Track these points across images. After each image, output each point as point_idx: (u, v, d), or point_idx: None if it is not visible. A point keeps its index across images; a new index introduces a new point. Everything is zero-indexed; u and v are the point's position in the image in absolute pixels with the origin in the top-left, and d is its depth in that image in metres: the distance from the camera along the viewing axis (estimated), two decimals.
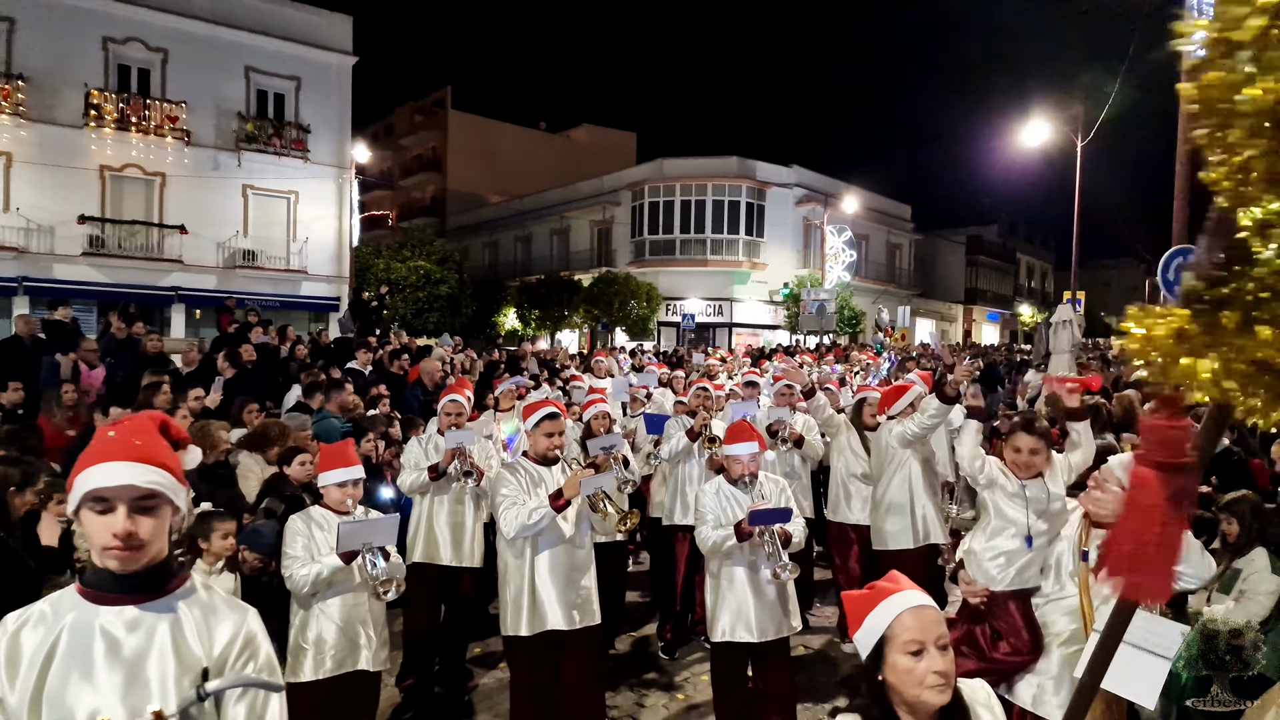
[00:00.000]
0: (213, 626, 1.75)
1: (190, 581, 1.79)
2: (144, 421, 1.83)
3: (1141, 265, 57.44)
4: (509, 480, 3.99)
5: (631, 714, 4.96)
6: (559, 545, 3.99)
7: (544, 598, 3.95)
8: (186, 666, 1.69)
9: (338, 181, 25.19)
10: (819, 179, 34.47)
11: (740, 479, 4.13)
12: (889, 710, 1.77)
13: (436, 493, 5.06)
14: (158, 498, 1.71)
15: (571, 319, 31.21)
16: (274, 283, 23.99)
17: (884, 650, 1.76)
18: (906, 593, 1.81)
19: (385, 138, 48.83)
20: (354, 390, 7.53)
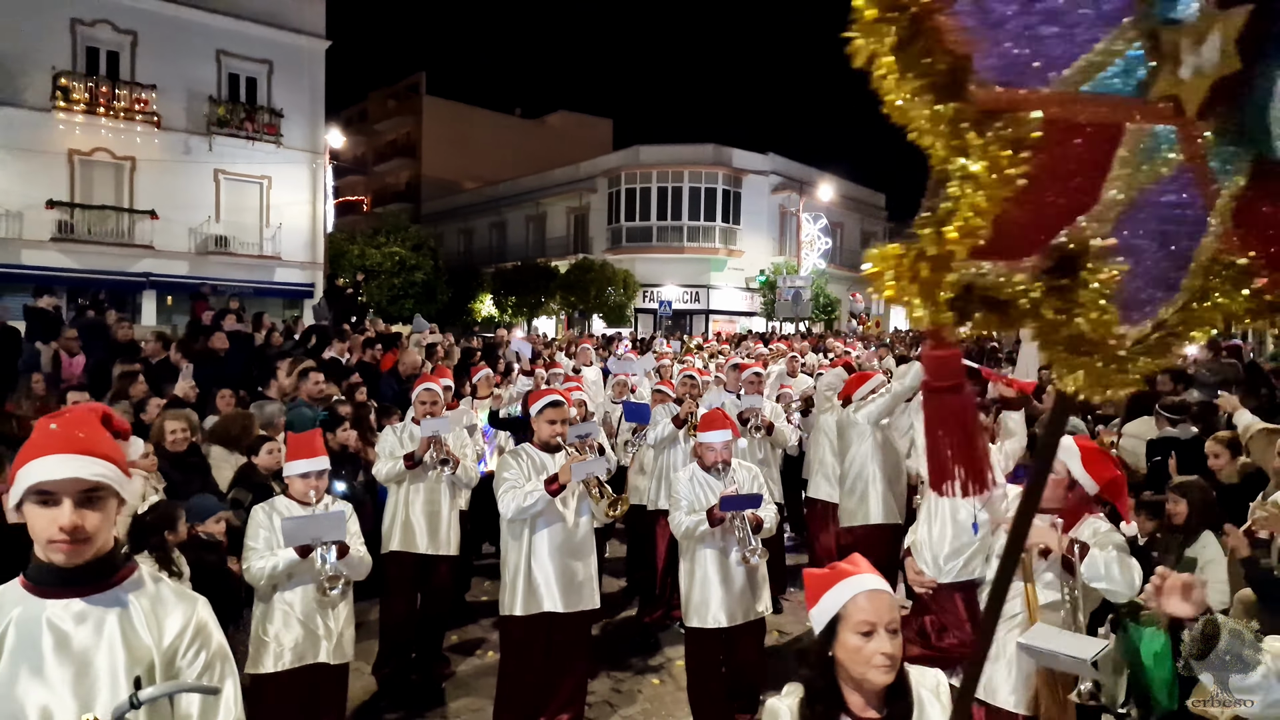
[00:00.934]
0: (162, 617, 1.74)
1: (137, 573, 1.78)
2: (85, 413, 1.80)
3: None
4: (511, 465, 4.11)
5: (608, 699, 5.03)
6: (557, 529, 4.09)
7: (540, 579, 4.05)
8: (137, 658, 1.68)
9: (311, 167, 24.88)
10: (794, 166, 34.57)
11: (714, 466, 4.23)
12: (833, 685, 1.85)
13: (412, 481, 5.08)
14: (103, 490, 1.69)
15: (548, 306, 31.13)
16: (247, 269, 23.70)
17: (836, 628, 1.84)
18: (864, 575, 1.89)
19: (359, 123, 48.23)
20: (330, 379, 7.49)
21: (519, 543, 4.08)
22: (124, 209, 21.95)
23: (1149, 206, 1.13)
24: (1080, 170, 1.10)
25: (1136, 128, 1.08)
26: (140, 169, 22.06)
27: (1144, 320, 1.17)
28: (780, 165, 33.80)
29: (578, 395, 5.76)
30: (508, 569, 4.13)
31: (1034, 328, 1.22)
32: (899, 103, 1.08)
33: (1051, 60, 1.05)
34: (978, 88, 1.04)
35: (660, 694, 5.13)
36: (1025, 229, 1.13)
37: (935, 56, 1.03)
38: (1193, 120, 1.08)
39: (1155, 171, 1.11)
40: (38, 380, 6.65)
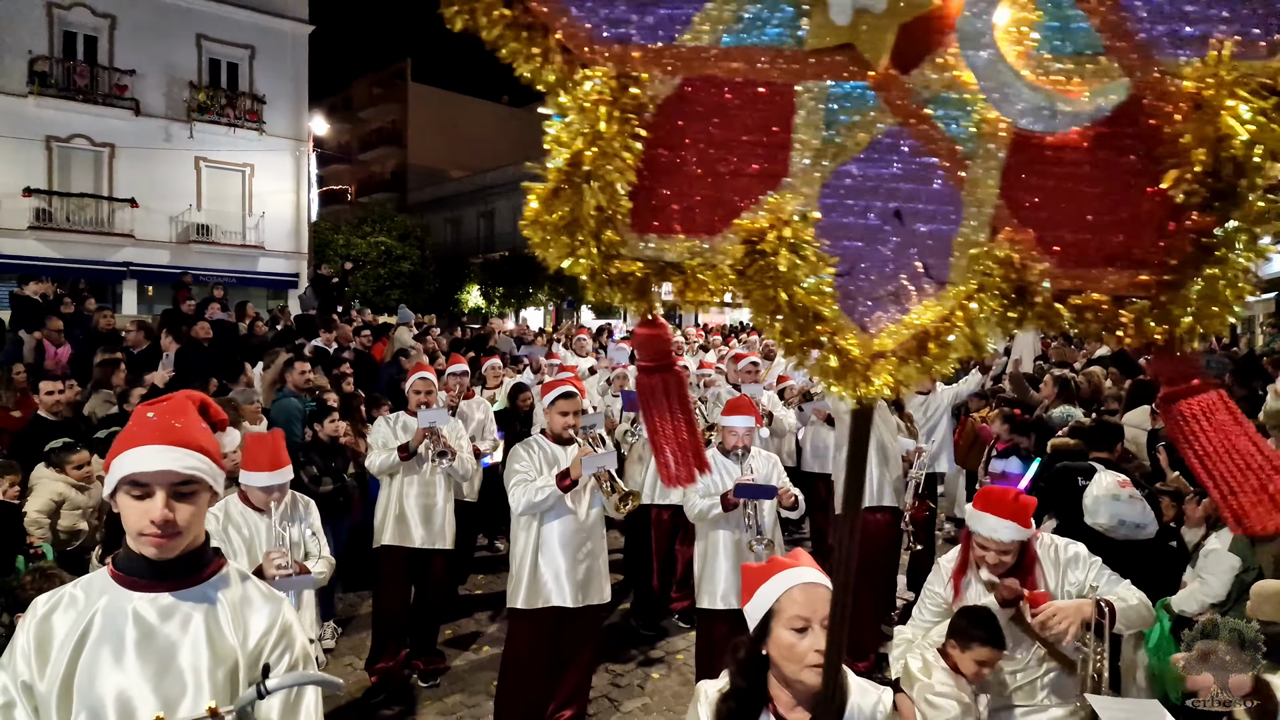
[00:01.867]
0: (248, 617, 1.69)
1: (226, 569, 1.74)
2: (182, 402, 1.74)
3: None
4: (523, 457, 4.02)
5: (608, 694, 4.93)
6: (568, 522, 4.01)
7: (547, 574, 3.97)
8: (220, 658, 1.63)
9: (295, 154, 24.54)
10: None
11: (733, 450, 4.28)
12: (758, 685, 1.73)
13: (406, 474, 4.95)
14: (196, 483, 1.65)
15: (536, 296, 30.94)
16: (230, 258, 23.38)
17: (770, 624, 1.73)
18: (800, 569, 1.78)
19: (343, 110, 47.70)
20: (317, 368, 7.33)
21: (529, 535, 4.00)
22: (103, 197, 21.57)
23: (863, 179, 1.00)
24: (754, 136, 0.99)
25: (812, 85, 0.96)
26: (120, 156, 21.68)
27: (898, 319, 1.03)
28: None
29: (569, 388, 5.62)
30: (516, 561, 4.05)
31: (748, 302, 1.14)
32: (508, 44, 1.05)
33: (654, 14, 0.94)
34: (567, 38, 0.96)
35: (661, 688, 5.03)
36: (702, 204, 1.04)
37: None
38: (890, 74, 0.94)
39: (856, 134, 0.98)
40: (19, 371, 6.43)
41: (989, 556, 2.73)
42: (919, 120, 0.98)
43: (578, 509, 4.02)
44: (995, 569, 2.73)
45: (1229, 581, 3.71)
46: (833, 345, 1.03)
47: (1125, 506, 3.86)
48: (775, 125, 0.99)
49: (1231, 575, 3.70)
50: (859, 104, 0.98)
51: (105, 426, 5.49)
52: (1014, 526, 2.68)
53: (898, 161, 1.00)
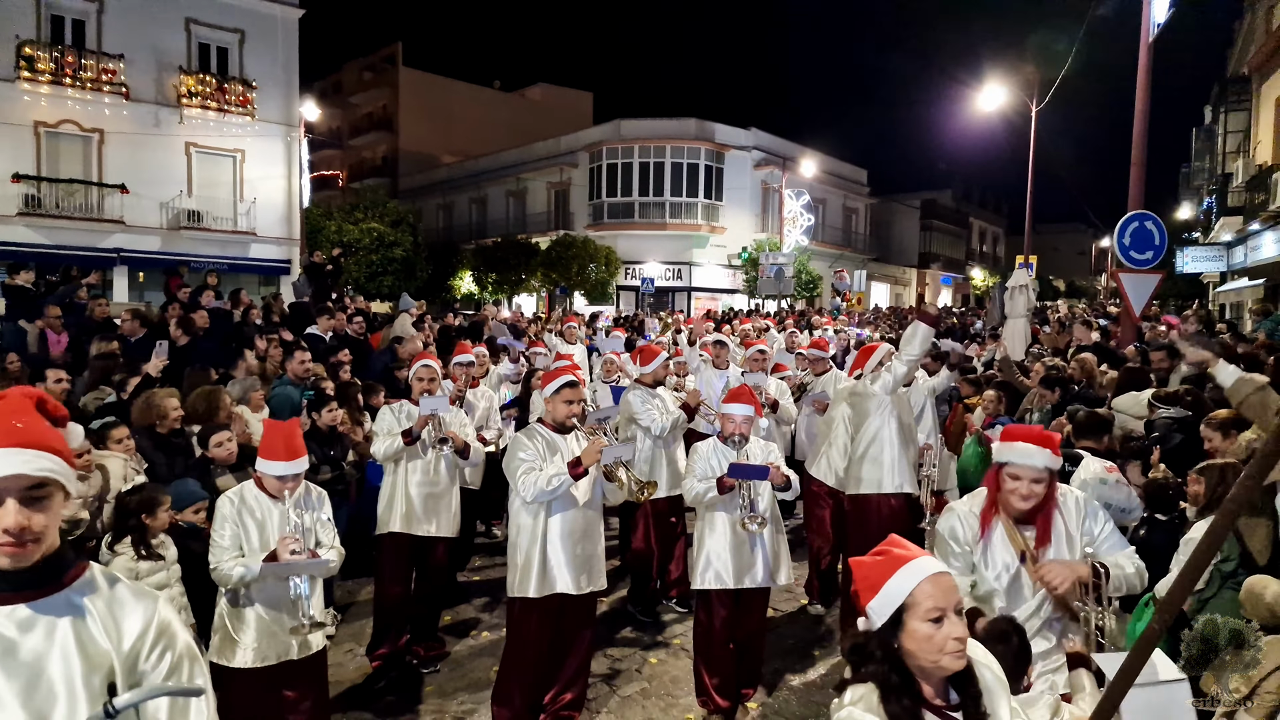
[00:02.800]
0: (120, 618, 1.59)
1: (89, 572, 1.62)
2: (20, 400, 1.60)
3: (1089, 229, 58.90)
4: (526, 445, 4.02)
5: (606, 679, 4.99)
6: (571, 511, 4.04)
7: (554, 561, 3.99)
8: (94, 665, 1.53)
9: (286, 140, 24.38)
10: (777, 142, 34.39)
11: (731, 437, 4.34)
12: (909, 677, 1.74)
13: (409, 461, 4.98)
14: (49, 485, 1.53)
15: (529, 283, 30.87)
16: (221, 245, 23.26)
17: (903, 618, 1.74)
18: (925, 559, 1.80)
19: (333, 95, 47.30)
20: (314, 357, 7.33)
21: (533, 524, 4.01)
22: (93, 183, 21.42)
23: None
24: None
25: None
26: (109, 141, 21.50)
27: None
28: (762, 141, 33.62)
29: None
30: (519, 551, 4.05)
31: None
32: None
33: None
34: None
35: (659, 672, 5.10)
36: None
37: None
38: None
39: None
40: (13, 361, 6.40)
41: (1022, 487, 2.80)
42: None
43: (579, 497, 4.05)
44: (1026, 499, 2.81)
45: (1208, 572, 3.78)
46: None
47: (1111, 490, 3.92)
48: None
49: (1212, 564, 3.76)
50: None
51: (101, 416, 5.49)
52: (1046, 453, 2.79)
53: None
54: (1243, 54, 22.65)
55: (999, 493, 2.89)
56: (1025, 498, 2.82)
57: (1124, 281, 9.89)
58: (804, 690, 4.88)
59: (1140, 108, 10.52)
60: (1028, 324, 11.76)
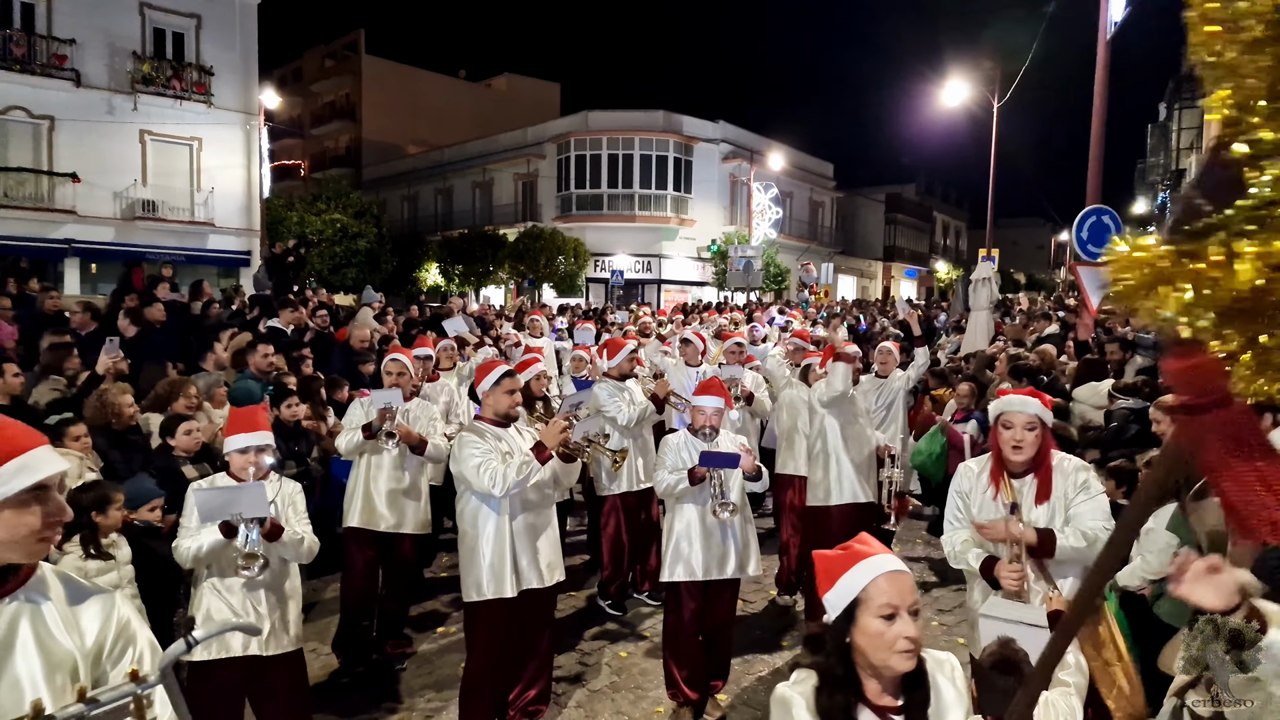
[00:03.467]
0: (79, 616, 1.61)
1: (39, 571, 1.63)
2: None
3: (1047, 224, 59.98)
4: (476, 441, 3.88)
5: (575, 673, 4.97)
6: (534, 501, 3.98)
7: (510, 560, 3.90)
8: (56, 662, 1.54)
9: (245, 128, 23.87)
10: (745, 135, 34.48)
11: (701, 430, 4.33)
12: (852, 672, 1.77)
13: (375, 455, 4.91)
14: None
15: (496, 275, 30.64)
16: (178, 236, 22.74)
17: (855, 612, 1.75)
18: (883, 556, 1.81)
19: (294, 83, 46.43)
20: (276, 350, 7.19)
21: (493, 522, 3.89)
22: (43, 171, 20.79)
23: None
24: None
25: None
26: (60, 129, 20.88)
27: None
28: (730, 133, 33.69)
29: (540, 368, 5.62)
30: (478, 553, 3.91)
31: None
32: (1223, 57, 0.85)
33: None
34: None
35: (627, 665, 5.09)
36: None
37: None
38: None
39: None
40: None
41: (1014, 435, 3.11)
42: None
43: (530, 491, 3.93)
44: (1018, 449, 3.10)
45: (1167, 558, 3.87)
46: None
47: None
48: None
49: (1169, 552, 3.86)
50: None
51: (55, 412, 5.33)
52: (1036, 402, 3.14)
53: None
54: None
55: (999, 448, 3.19)
56: (1017, 446, 3.10)
57: (1082, 275, 10.09)
58: (772, 680, 4.90)
59: (1098, 105, 10.73)
60: (991, 316, 11.94)
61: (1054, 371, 7.58)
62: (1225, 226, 0.94)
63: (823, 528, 5.23)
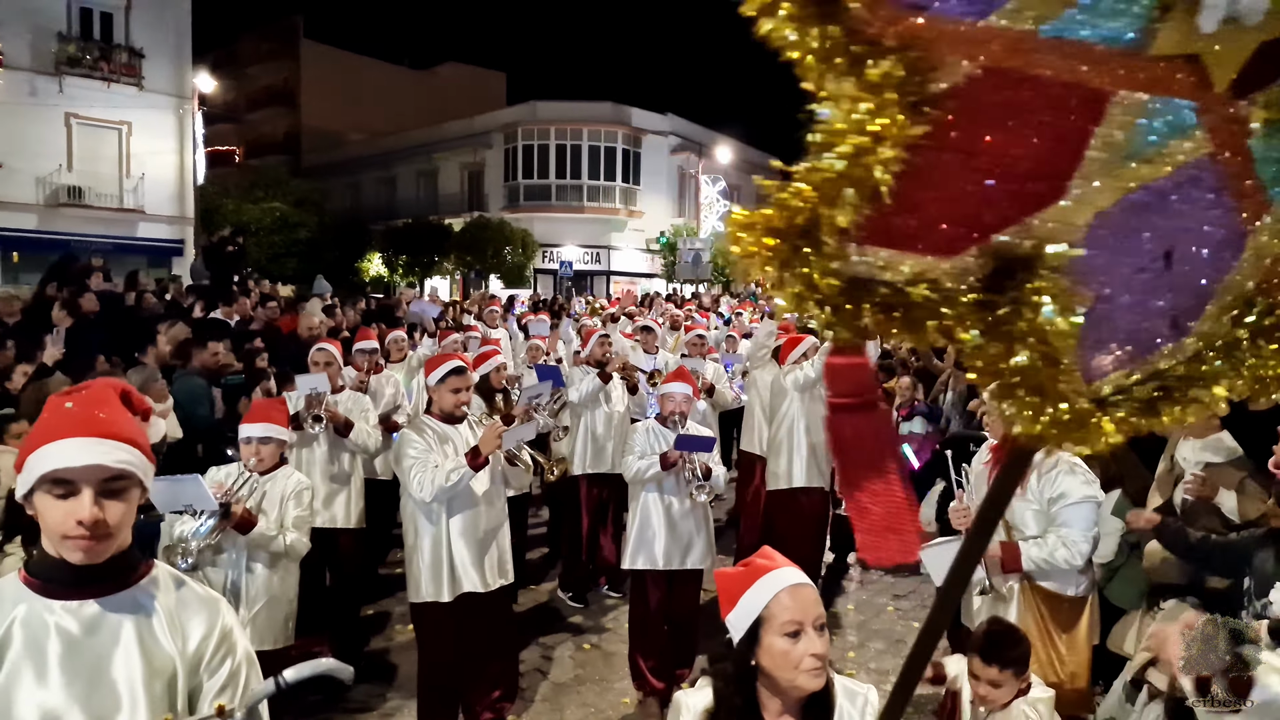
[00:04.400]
0: (185, 621, 1.57)
1: (155, 571, 1.60)
2: (104, 391, 1.58)
3: None
4: (415, 440, 3.78)
5: (539, 668, 4.94)
6: (474, 505, 3.84)
7: (459, 561, 3.80)
8: (156, 669, 1.51)
9: (177, 113, 23.02)
10: (693, 128, 34.58)
11: (670, 417, 4.32)
12: (751, 698, 1.68)
13: (304, 448, 4.77)
14: (128, 479, 1.50)
15: (442, 265, 30.19)
16: (106, 224, 21.83)
17: (759, 632, 1.65)
18: (783, 570, 1.72)
19: (228, 66, 44.84)
20: (221, 344, 6.94)
21: (433, 524, 3.79)
22: None
23: (1144, 211, 0.83)
24: (1039, 148, 0.81)
25: (1128, 97, 0.79)
26: None
27: (1128, 366, 0.90)
28: (679, 126, 33.75)
29: (500, 360, 5.54)
30: (418, 552, 3.82)
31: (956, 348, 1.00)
32: (784, 34, 0.84)
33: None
34: (866, 8, 0.77)
35: (591, 658, 5.08)
36: (951, 217, 0.84)
37: None
38: (1224, 96, 0.80)
39: (1158, 164, 0.82)
40: None
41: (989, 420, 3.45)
42: (1234, 153, 0.81)
43: (478, 488, 3.85)
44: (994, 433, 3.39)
45: (1116, 542, 4.04)
46: (1060, 393, 0.87)
47: None
48: (1069, 138, 0.80)
49: (1118, 537, 4.02)
50: (1176, 127, 0.80)
51: None
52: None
53: (1194, 198, 0.83)
54: None
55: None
56: (994, 429, 3.40)
57: None
58: None
59: None
60: None
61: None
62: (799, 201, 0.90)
63: (789, 511, 5.28)
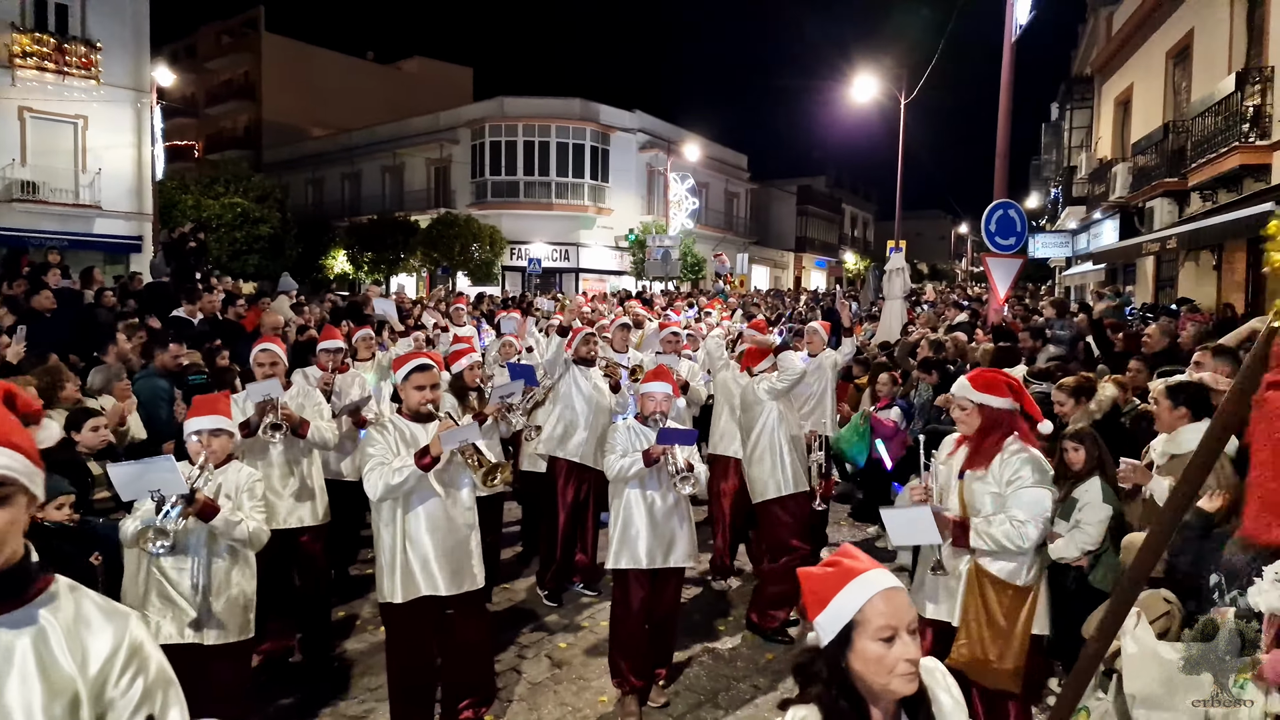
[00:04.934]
0: (86, 639, 1.45)
1: (54, 585, 1.48)
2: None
3: (949, 216, 62.49)
4: (376, 440, 3.76)
5: (515, 667, 4.90)
6: (434, 505, 3.78)
7: (418, 561, 3.75)
8: (56, 690, 1.39)
9: (135, 106, 22.46)
10: (661, 125, 34.60)
11: (651, 416, 4.31)
12: (858, 703, 1.63)
13: (260, 454, 4.65)
14: (11, 486, 1.40)
15: (408, 262, 29.87)
16: (61, 219, 21.24)
17: (851, 636, 1.62)
18: (877, 572, 1.68)
19: (187, 59, 44.00)
20: (183, 342, 6.79)
21: (392, 523, 3.76)
22: None
23: None
24: None
25: None
26: None
27: None
28: (647, 123, 33.75)
29: (475, 358, 5.48)
30: (382, 552, 3.80)
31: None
32: None
33: None
34: None
35: (568, 656, 5.05)
36: None
37: None
38: None
39: None
40: None
41: (955, 411, 3.60)
42: None
43: (441, 490, 3.80)
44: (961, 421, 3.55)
45: (1103, 530, 4.10)
46: None
47: None
48: None
49: (1106, 524, 4.09)
50: None
51: None
52: (969, 387, 3.50)
53: None
54: (1086, 56, 24.51)
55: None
56: (960, 420, 3.55)
57: (990, 265, 10.55)
58: (712, 664, 4.96)
59: (1004, 103, 11.21)
60: (904, 305, 12.36)
61: (964, 360, 7.90)
62: None
63: (773, 521, 5.30)
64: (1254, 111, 11.98)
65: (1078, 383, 5.18)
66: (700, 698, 4.56)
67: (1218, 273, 14.19)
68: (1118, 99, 20.49)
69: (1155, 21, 17.35)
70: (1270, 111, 11.78)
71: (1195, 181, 13.92)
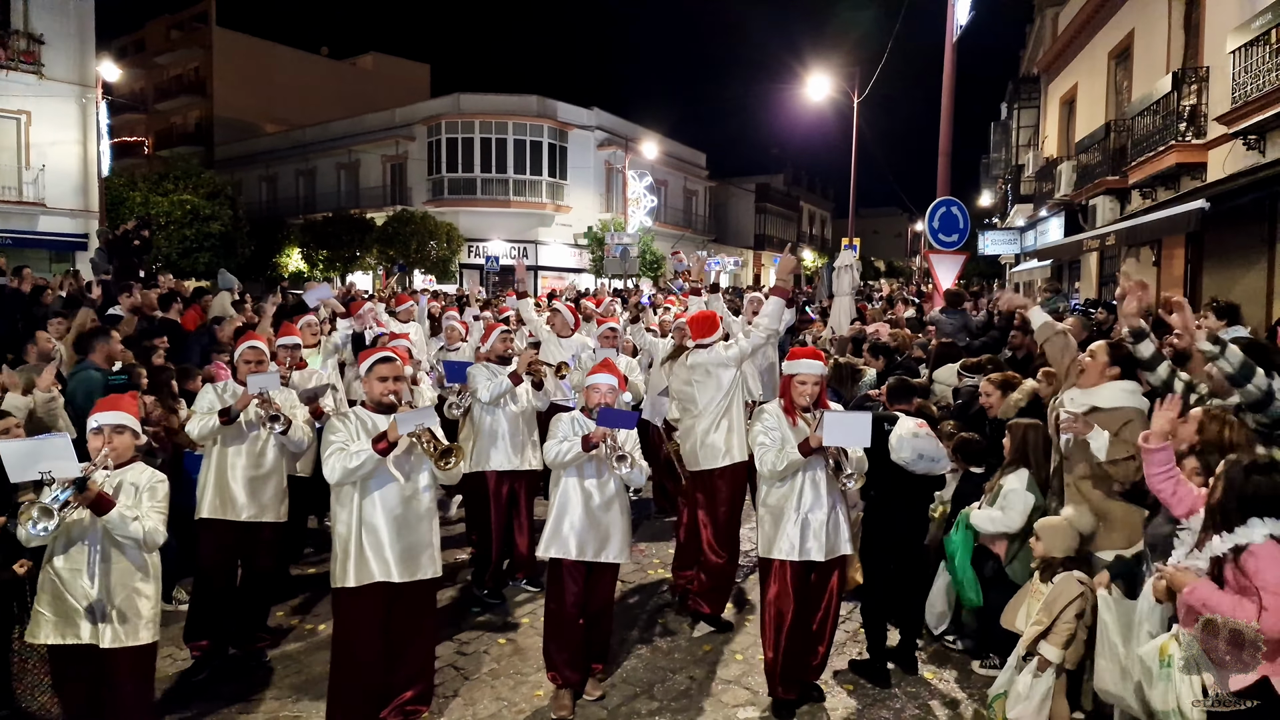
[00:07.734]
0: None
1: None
2: None
3: (904, 214, 63.38)
4: (338, 428, 3.82)
5: (453, 664, 4.90)
6: (391, 492, 3.83)
7: (371, 548, 3.78)
8: None
9: (81, 101, 21.94)
10: (619, 123, 34.63)
11: (597, 407, 4.33)
12: None
13: (232, 443, 4.65)
14: None
15: (364, 260, 29.53)
16: (3, 217, 20.70)
17: None
18: None
19: (135, 54, 42.99)
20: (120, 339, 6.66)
21: (348, 508, 3.80)
22: None
23: None
24: None
25: None
26: None
27: None
28: (605, 121, 33.75)
29: (403, 344, 5.48)
30: (338, 538, 3.85)
31: None
32: None
33: None
34: None
35: (506, 653, 5.07)
36: None
37: None
38: None
39: None
40: None
41: (807, 389, 4.17)
42: None
43: (400, 477, 3.84)
44: (810, 396, 4.17)
45: (1025, 516, 4.33)
46: None
47: (923, 443, 4.39)
48: None
49: (1026, 514, 4.31)
50: None
51: None
52: (819, 364, 4.22)
53: None
54: (1033, 56, 25.07)
55: (790, 394, 4.23)
56: (810, 395, 4.16)
57: (934, 261, 10.78)
58: (650, 658, 5.01)
59: (946, 103, 11.44)
60: (853, 300, 12.54)
61: (907, 352, 8.09)
62: None
63: (722, 488, 5.33)
64: (1190, 111, 12.36)
65: (1003, 378, 5.41)
66: (636, 690, 4.61)
67: (1157, 269, 14.64)
68: (1063, 98, 20.99)
69: (1098, 22, 17.81)
70: (1205, 110, 12.17)
71: (1135, 179, 14.33)
